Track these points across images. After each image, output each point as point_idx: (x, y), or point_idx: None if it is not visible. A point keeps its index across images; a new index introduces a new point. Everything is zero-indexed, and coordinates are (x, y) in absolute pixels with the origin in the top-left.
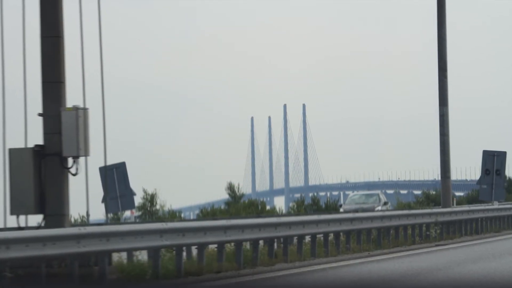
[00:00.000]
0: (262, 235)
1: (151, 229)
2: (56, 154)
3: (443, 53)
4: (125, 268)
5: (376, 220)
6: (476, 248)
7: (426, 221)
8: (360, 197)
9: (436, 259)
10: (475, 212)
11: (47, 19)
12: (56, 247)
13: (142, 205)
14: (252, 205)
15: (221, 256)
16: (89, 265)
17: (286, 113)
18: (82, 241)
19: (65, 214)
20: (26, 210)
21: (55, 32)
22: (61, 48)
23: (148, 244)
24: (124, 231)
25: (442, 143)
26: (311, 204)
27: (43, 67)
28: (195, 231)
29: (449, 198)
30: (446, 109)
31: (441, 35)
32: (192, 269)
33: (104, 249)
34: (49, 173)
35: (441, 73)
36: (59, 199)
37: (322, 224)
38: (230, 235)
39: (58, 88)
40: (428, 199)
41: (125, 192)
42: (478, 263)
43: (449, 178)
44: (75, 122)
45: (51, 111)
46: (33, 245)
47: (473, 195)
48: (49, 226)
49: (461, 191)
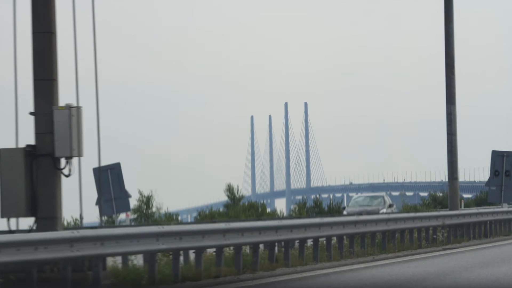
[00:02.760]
0: (262, 239)
1: (147, 232)
2: (48, 154)
3: (451, 49)
4: (120, 273)
5: (381, 223)
6: (485, 252)
7: (432, 224)
8: (364, 199)
9: (443, 263)
10: (483, 215)
11: (39, 14)
12: (48, 251)
13: (137, 208)
14: (252, 208)
15: (220, 261)
16: (83, 270)
17: (287, 112)
18: (75, 245)
19: (57, 217)
20: (17, 212)
21: (47, 27)
22: (54, 44)
23: (144, 248)
24: (119, 234)
25: (450, 143)
26: (313, 207)
27: (34, 64)
28: (193, 235)
29: (457, 200)
30: (454, 108)
31: (448, 31)
32: (190, 274)
33: (98, 253)
34: (41, 174)
35: (448, 70)
36: (52, 201)
37: (324, 228)
38: (229, 238)
39: (50, 86)
40: (435, 201)
41: (120, 194)
42: (487, 268)
43: (457, 180)
44: (68, 121)
45: (43, 110)
46: (25, 249)
47: (482, 197)
48: (41, 230)
49: (469, 193)
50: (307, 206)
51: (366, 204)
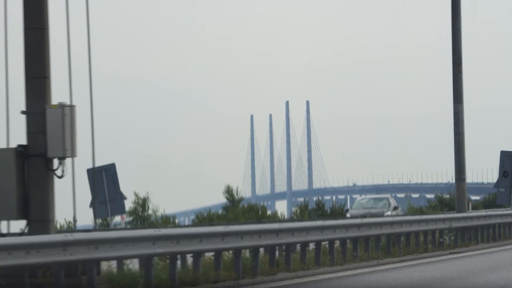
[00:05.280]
0: (262, 242)
1: (143, 235)
2: (41, 154)
3: (458, 46)
4: (115, 277)
5: (386, 226)
6: (493, 256)
7: (439, 227)
8: (368, 201)
9: (450, 268)
10: (492, 217)
11: (31, 9)
12: (41, 255)
13: (133, 210)
14: (251, 210)
15: (219, 265)
16: (76, 274)
17: (288, 111)
18: (68, 248)
19: (50, 220)
20: (8, 215)
21: (40, 23)
22: (46, 40)
23: (140, 252)
24: (113, 238)
25: (457, 143)
26: (316, 209)
27: (26, 61)
28: (191, 238)
29: (464, 202)
30: (461, 106)
31: (455, 27)
32: (187, 279)
33: (92, 257)
34: (33, 176)
35: (455, 68)
36: (44, 204)
37: (327, 231)
38: (228, 242)
39: (43, 83)
40: (441, 203)
41: (115, 196)
42: (496, 272)
43: (464, 181)
44: (61, 121)
45: (35, 109)
46: (16, 253)
47: (490, 199)
48: (33, 233)
49: (477, 195)
50: (309, 209)
51: (370, 206)
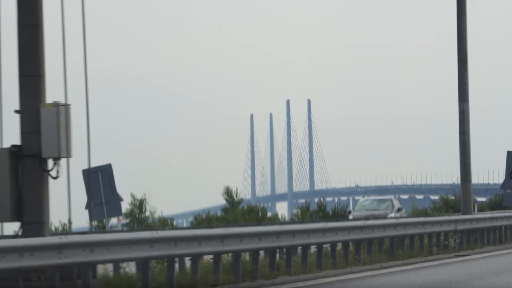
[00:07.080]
0: (262, 245)
1: (140, 238)
2: (35, 155)
3: (463, 44)
4: (111, 281)
5: (389, 229)
6: (500, 259)
7: (444, 229)
8: (371, 202)
9: (455, 271)
10: (498, 219)
11: (26, 5)
12: (35, 258)
13: (129, 212)
14: (251, 212)
15: (218, 268)
16: (72, 278)
17: (289, 110)
18: (63, 251)
19: (44, 222)
20: (1, 217)
21: (34, 20)
22: (41, 38)
23: (137, 255)
24: (110, 240)
25: (462, 143)
26: (317, 211)
27: (20, 59)
28: (189, 241)
29: (470, 204)
30: (467, 105)
31: (461, 24)
32: (186, 283)
33: (88, 261)
34: (27, 176)
35: (460, 66)
36: (38, 205)
37: (329, 233)
38: (227, 245)
39: (37, 82)
40: (446, 205)
41: (111, 198)
42: (502, 275)
43: (470, 182)
44: (55, 120)
45: (29, 108)
46: (10, 256)
47: (496, 201)
48: (27, 235)
49: (483, 196)
50: (311, 210)
51: (373, 208)
